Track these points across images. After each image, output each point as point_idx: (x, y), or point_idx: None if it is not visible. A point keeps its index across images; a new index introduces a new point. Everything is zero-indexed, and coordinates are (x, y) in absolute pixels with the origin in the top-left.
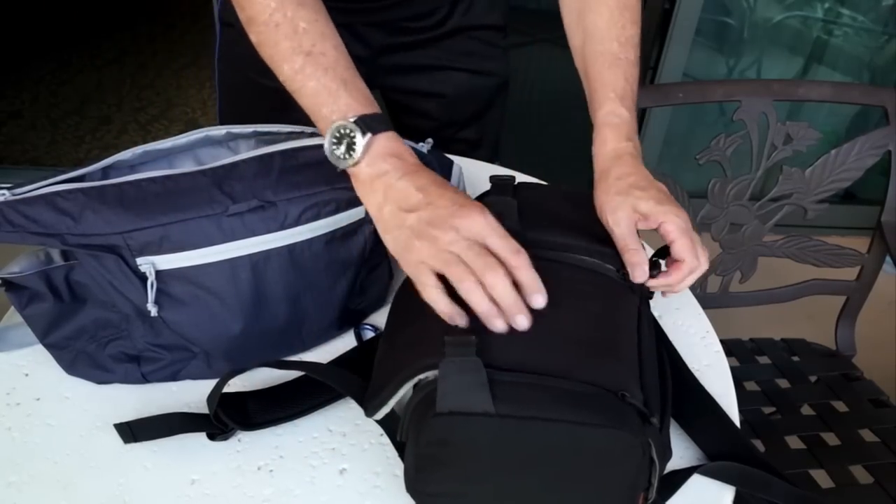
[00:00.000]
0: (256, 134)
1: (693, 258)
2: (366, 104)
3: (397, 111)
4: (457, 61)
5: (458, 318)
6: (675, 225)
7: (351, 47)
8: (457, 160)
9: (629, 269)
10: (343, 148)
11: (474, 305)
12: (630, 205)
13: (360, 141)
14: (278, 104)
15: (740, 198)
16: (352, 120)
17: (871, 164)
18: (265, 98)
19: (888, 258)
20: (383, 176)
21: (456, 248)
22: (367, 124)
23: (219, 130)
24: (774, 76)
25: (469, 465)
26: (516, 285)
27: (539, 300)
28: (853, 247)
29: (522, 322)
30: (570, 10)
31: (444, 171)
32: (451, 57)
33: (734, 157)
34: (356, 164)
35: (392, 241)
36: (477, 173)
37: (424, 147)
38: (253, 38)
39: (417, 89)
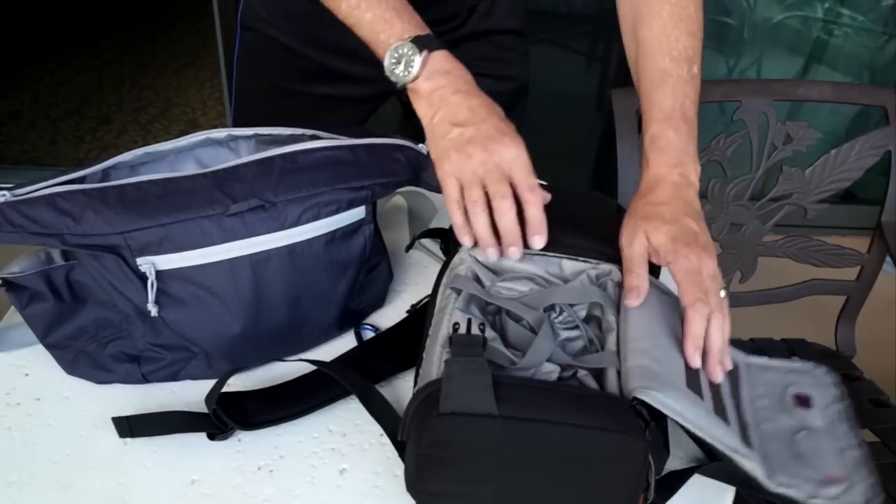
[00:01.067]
0: (257, 136)
1: (695, 305)
2: (419, 27)
3: (414, 116)
4: (477, 66)
5: (465, 236)
6: (681, 267)
7: (370, 51)
8: None
9: (625, 291)
10: (402, 66)
11: (475, 226)
12: (644, 232)
13: (417, 58)
14: (301, 109)
15: (740, 198)
16: (408, 40)
17: (870, 164)
18: (288, 103)
19: (888, 258)
20: (440, 89)
21: (482, 169)
22: (422, 43)
23: (219, 133)
24: (774, 76)
25: (471, 465)
26: (524, 221)
27: (538, 241)
28: (853, 247)
29: (514, 253)
30: (626, 21)
31: None
32: (471, 61)
33: (734, 157)
34: (415, 79)
35: (434, 149)
36: None
37: (424, 148)
38: None
39: None
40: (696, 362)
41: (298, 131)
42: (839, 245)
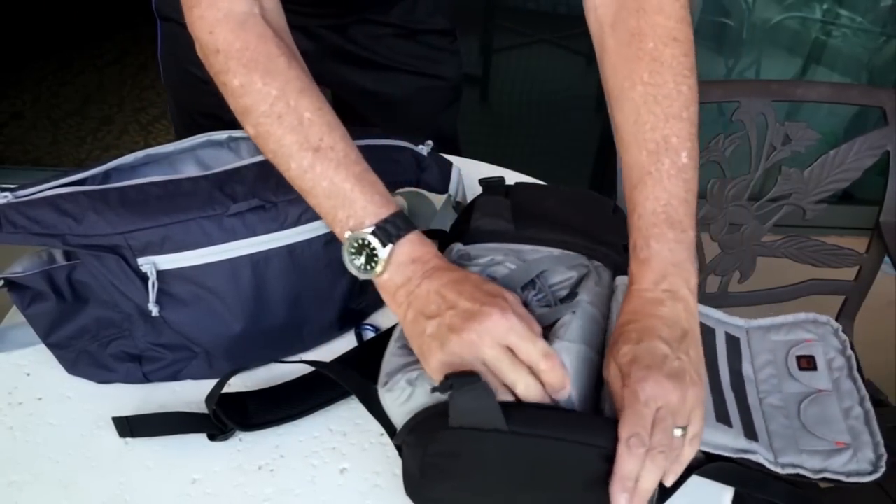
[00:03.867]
0: None
1: (628, 441)
2: (382, 203)
3: (343, 111)
4: (405, 63)
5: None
6: (628, 392)
7: (300, 43)
8: (457, 161)
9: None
10: (363, 259)
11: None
12: (613, 359)
13: (382, 252)
14: (222, 100)
15: (739, 198)
16: (370, 231)
17: (869, 164)
18: (209, 94)
19: (887, 258)
20: (406, 284)
21: (472, 356)
22: (386, 233)
23: (220, 135)
24: (773, 77)
25: (477, 477)
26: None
27: (563, 395)
28: (852, 247)
29: (562, 395)
30: (608, 97)
31: (444, 173)
32: (398, 59)
33: (733, 158)
34: (378, 276)
35: (416, 350)
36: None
37: (424, 149)
38: (251, 130)
39: (364, 88)
40: None
41: None
42: (838, 245)
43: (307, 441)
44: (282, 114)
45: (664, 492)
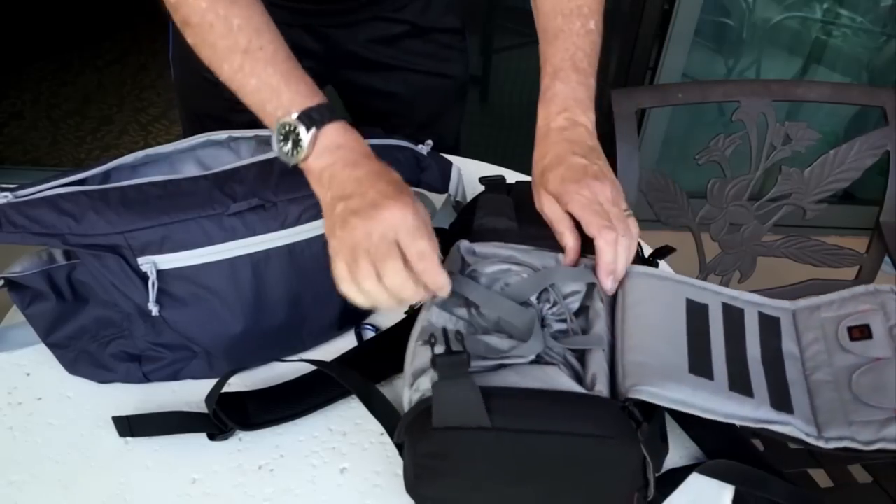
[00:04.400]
0: (257, 137)
1: (601, 233)
2: (308, 95)
3: (350, 110)
4: (413, 62)
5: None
6: (576, 203)
7: (306, 42)
8: (456, 161)
9: (597, 275)
10: (290, 145)
11: (371, 299)
12: (542, 188)
13: (305, 137)
14: (231, 104)
15: (739, 198)
16: (295, 116)
17: (869, 164)
18: (218, 98)
19: (887, 258)
20: (329, 167)
21: (367, 241)
22: (310, 118)
23: (220, 135)
24: (773, 77)
25: (467, 475)
26: None
27: (442, 295)
28: (852, 247)
29: (426, 299)
30: None
31: (443, 172)
32: (407, 58)
33: (733, 158)
34: (304, 159)
35: (327, 229)
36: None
37: (424, 149)
38: (189, 40)
39: (371, 87)
40: (609, 288)
41: None
42: (838, 245)
43: (307, 441)
44: (213, 23)
45: (664, 490)
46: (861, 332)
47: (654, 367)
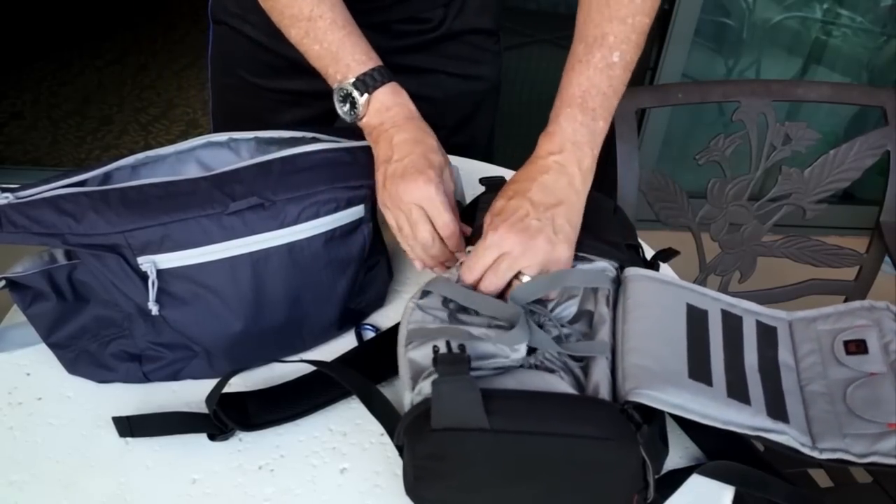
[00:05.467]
0: (257, 138)
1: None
2: (363, 62)
3: None
4: (447, 65)
5: (415, 261)
6: (484, 235)
7: None
8: (456, 161)
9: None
10: (348, 106)
11: (411, 253)
12: (491, 206)
13: (360, 100)
14: (271, 105)
15: (739, 198)
16: (350, 82)
17: (869, 164)
18: (258, 98)
19: (887, 258)
20: (379, 127)
21: (402, 204)
22: (364, 84)
23: (220, 136)
24: (773, 77)
25: (466, 476)
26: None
27: (460, 256)
28: (852, 247)
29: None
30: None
31: None
32: (441, 61)
33: (733, 158)
34: (360, 119)
35: (377, 181)
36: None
37: None
38: (264, 5)
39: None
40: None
41: (299, 134)
42: (838, 245)
43: (307, 441)
44: None
45: (664, 491)
46: (857, 347)
47: (655, 370)
